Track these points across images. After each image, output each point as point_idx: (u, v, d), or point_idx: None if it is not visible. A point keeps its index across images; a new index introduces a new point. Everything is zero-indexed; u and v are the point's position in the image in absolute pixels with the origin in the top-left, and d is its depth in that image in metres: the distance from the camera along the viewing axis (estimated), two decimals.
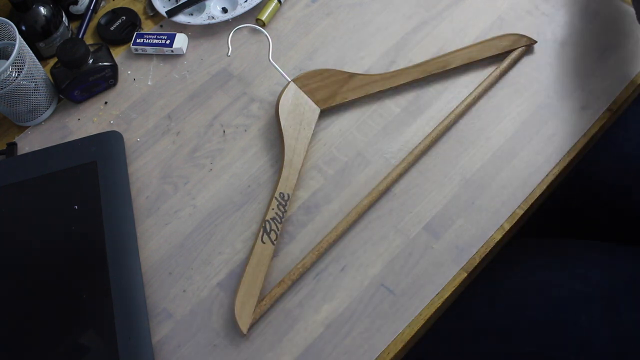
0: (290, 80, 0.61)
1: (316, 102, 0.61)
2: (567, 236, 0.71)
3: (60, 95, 0.67)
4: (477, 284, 0.57)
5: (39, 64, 0.64)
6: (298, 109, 0.61)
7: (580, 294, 0.54)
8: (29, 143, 0.65)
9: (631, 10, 0.65)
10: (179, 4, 0.71)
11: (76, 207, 0.58)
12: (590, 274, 0.56)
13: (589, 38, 0.64)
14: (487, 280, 0.59)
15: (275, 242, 0.55)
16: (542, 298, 0.56)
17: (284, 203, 0.56)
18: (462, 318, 0.60)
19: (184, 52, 0.69)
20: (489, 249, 0.54)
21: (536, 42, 0.64)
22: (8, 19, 0.60)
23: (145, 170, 0.62)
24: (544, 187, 0.57)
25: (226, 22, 0.70)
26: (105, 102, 0.67)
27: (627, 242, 0.61)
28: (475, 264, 0.53)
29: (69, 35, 0.72)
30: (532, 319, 0.55)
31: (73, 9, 0.73)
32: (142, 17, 0.73)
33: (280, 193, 0.57)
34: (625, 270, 0.56)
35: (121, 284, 0.53)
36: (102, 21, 0.72)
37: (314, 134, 0.61)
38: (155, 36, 0.69)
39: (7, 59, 0.60)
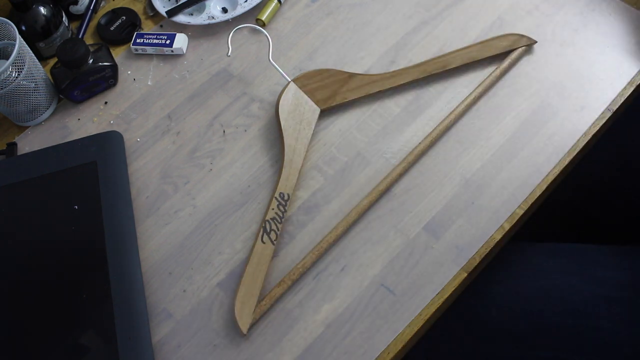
0: (290, 80, 0.61)
1: (316, 102, 0.61)
2: (567, 235, 0.71)
3: (60, 95, 0.67)
4: (493, 290, 0.56)
5: (39, 64, 0.64)
6: (298, 109, 0.61)
7: (599, 297, 0.54)
8: (29, 143, 0.65)
9: (631, 10, 0.65)
10: (179, 4, 0.71)
11: (76, 207, 0.58)
12: (608, 276, 0.56)
13: (589, 38, 0.64)
14: (503, 286, 0.58)
15: (275, 242, 0.55)
16: (561, 303, 0.55)
17: (284, 203, 0.56)
18: (481, 323, 0.59)
19: (184, 52, 0.69)
20: (489, 249, 0.54)
21: (536, 42, 0.64)
22: (8, 19, 0.60)
23: (145, 170, 0.62)
24: (544, 187, 0.57)
25: (226, 22, 0.70)
26: (105, 102, 0.67)
27: (624, 242, 0.61)
28: (475, 264, 0.53)
29: (69, 35, 0.72)
30: (549, 324, 0.55)
31: (73, 9, 0.73)
32: (142, 17, 0.73)
33: (280, 193, 0.57)
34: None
35: (121, 284, 0.53)
36: (102, 21, 0.72)
37: (314, 134, 0.61)
38: (155, 36, 0.69)
39: (7, 59, 0.60)
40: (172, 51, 0.69)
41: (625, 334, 0.51)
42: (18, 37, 0.58)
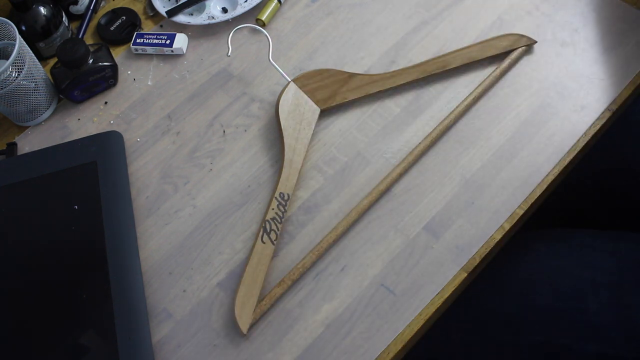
0: (290, 80, 0.61)
1: (316, 102, 0.61)
2: (557, 222, 0.71)
3: (60, 95, 0.67)
4: (484, 274, 0.57)
5: (39, 64, 0.64)
6: (298, 109, 0.61)
7: (588, 281, 0.54)
8: (29, 143, 0.65)
9: (631, 10, 0.65)
10: (179, 4, 0.71)
11: (76, 207, 0.58)
12: (598, 261, 0.56)
13: (589, 38, 0.64)
14: (494, 270, 0.59)
15: (275, 242, 0.55)
16: (550, 286, 0.56)
17: (284, 203, 0.56)
18: (470, 307, 0.60)
19: (184, 52, 0.69)
20: (489, 249, 0.54)
21: (536, 42, 0.64)
22: (8, 19, 0.60)
23: (145, 170, 0.62)
24: (544, 187, 0.57)
25: (226, 22, 0.70)
26: (105, 102, 0.67)
27: (613, 228, 0.61)
28: (475, 264, 0.53)
29: (69, 35, 0.72)
30: (540, 309, 0.55)
31: (73, 9, 0.73)
32: (142, 17, 0.73)
33: (280, 193, 0.57)
34: (632, 255, 0.56)
35: (121, 284, 0.53)
36: (102, 21, 0.72)
37: (314, 134, 0.61)
38: (155, 36, 0.69)
39: (7, 59, 0.60)
40: (172, 51, 0.69)
41: (612, 317, 0.51)
42: (18, 37, 0.59)
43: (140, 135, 0.64)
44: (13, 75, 0.60)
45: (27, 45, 0.62)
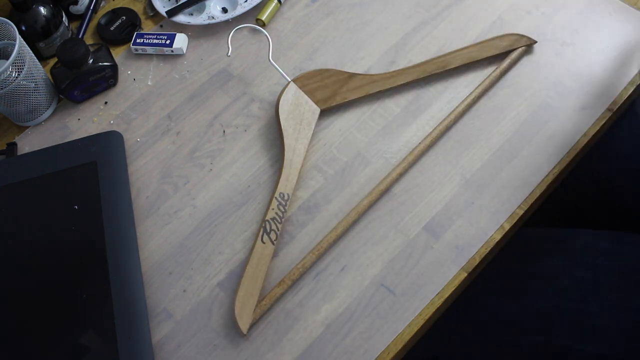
0: (290, 80, 0.61)
1: (316, 102, 0.61)
2: (558, 222, 0.71)
3: (60, 95, 0.67)
4: (484, 274, 0.57)
5: (39, 64, 0.64)
6: (298, 109, 0.61)
7: (589, 282, 0.54)
8: (29, 143, 0.65)
9: (631, 10, 0.65)
10: (179, 4, 0.71)
11: (76, 207, 0.58)
12: (599, 262, 0.56)
13: (589, 38, 0.64)
14: (494, 270, 0.59)
15: (275, 242, 0.55)
16: (551, 288, 0.56)
17: (284, 203, 0.56)
18: (470, 308, 0.60)
19: (184, 52, 0.69)
20: (489, 249, 0.54)
21: (536, 42, 0.64)
22: (8, 19, 0.60)
23: (145, 170, 0.62)
24: (544, 187, 0.57)
25: (226, 22, 0.70)
26: (105, 102, 0.67)
27: (615, 229, 0.61)
28: (475, 264, 0.53)
29: (69, 35, 0.72)
30: (540, 309, 0.55)
31: (73, 9, 0.73)
32: (142, 17, 0.73)
33: (280, 193, 0.57)
34: (633, 256, 0.56)
35: (121, 284, 0.53)
36: (102, 21, 0.72)
37: (314, 134, 0.61)
38: (155, 36, 0.69)
39: (7, 59, 0.60)
40: (172, 51, 0.69)
41: (612, 318, 0.51)
42: (18, 37, 0.59)
43: (140, 135, 0.64)
44: (13, 75, 0.60)
45: (27, 45, 0.62)
